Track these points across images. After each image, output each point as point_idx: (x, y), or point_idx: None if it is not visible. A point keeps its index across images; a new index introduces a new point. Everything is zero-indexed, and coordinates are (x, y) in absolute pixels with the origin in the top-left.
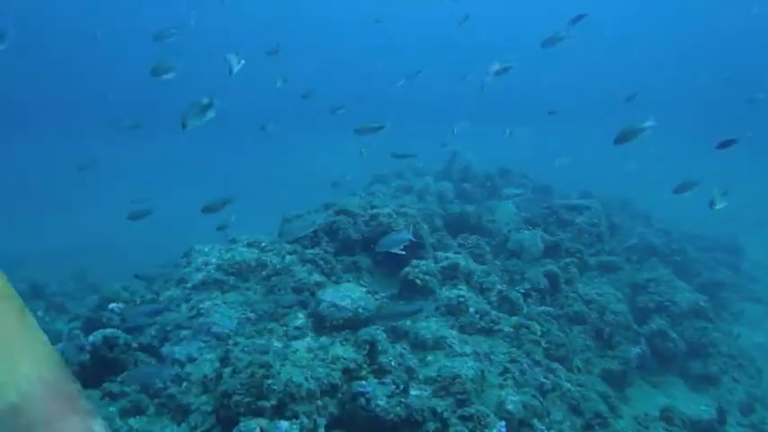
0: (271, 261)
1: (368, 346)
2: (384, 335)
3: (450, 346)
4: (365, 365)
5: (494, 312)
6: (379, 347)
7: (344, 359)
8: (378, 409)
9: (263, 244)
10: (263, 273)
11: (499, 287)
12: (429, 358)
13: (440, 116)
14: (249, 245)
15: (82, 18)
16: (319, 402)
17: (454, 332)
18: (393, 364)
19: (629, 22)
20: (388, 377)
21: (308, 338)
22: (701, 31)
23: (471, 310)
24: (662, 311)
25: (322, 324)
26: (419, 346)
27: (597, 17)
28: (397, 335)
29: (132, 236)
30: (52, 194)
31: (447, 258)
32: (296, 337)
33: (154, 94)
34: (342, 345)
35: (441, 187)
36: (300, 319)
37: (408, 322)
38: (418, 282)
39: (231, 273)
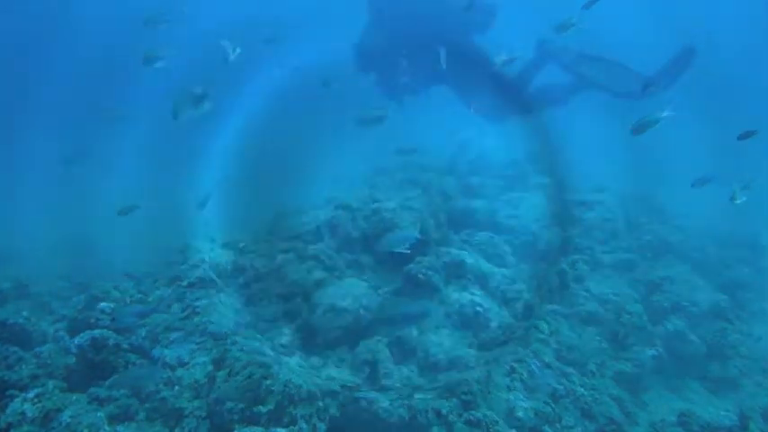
0: (252, 264)
1: (368, 369)
2: (387, 351)
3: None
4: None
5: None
6: (382, 370)
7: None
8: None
9: (242, 245)
10: (241, 280)
11: (525, 296)
12: (440, 377)
13: (448, 104)
14: (225, 246)
15: (74, 11)
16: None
17: (472, 351)
18: (398, 386)
19: (642, 9)
20: (391, 393)
21: (296, 358)
22: (716, 17)
23: (493, 324)
24: (679, 311)
25: (313, 340)
26: (430, 368)
27: (609, 5)
28: (403, 351)
29: (125, 233)
30: (46, 191)
31: (449, 254)
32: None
33: (149, 86)
34: (336, 367)
35: (446, 181)
36: (286, 335)
37: (415, 332)
38: (421, 276)
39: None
